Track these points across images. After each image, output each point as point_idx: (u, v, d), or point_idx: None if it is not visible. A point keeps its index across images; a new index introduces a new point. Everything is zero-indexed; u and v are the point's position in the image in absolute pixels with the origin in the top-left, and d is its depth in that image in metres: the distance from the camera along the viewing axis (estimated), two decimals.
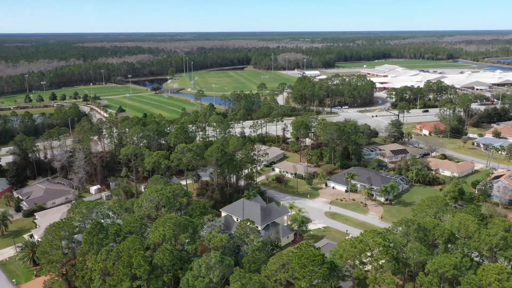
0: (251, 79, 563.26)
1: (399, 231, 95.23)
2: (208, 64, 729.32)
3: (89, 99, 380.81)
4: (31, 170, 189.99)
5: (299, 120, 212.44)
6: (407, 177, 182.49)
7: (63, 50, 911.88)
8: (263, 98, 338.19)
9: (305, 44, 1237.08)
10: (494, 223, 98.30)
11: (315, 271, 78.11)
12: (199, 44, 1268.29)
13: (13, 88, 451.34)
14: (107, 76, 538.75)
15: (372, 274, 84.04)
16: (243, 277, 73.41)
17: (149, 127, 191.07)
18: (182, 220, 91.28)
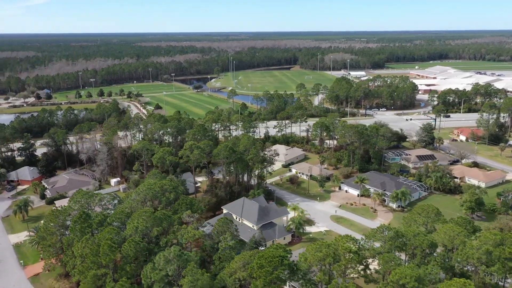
0: (294, 79, 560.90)
1: (375, 238, 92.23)
2: (255, 63, 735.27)
3: (131, 96, 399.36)
4: (62, 161, 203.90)
5: (319, 122, 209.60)
6: (426, 184, 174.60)
7: (121, 49, 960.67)
8: (298, 98, 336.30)
9: (358, 44, 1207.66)
10: (484, 236, 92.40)
11: (271, 271, 78.11)
12: (251, 43, 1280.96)
13: (68, 85, 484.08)
14: (155, 75, 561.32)
15: (335, 280, 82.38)
16: (195, 273, 75.21)
17: (169, 124, 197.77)
18: (158, 215, 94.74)
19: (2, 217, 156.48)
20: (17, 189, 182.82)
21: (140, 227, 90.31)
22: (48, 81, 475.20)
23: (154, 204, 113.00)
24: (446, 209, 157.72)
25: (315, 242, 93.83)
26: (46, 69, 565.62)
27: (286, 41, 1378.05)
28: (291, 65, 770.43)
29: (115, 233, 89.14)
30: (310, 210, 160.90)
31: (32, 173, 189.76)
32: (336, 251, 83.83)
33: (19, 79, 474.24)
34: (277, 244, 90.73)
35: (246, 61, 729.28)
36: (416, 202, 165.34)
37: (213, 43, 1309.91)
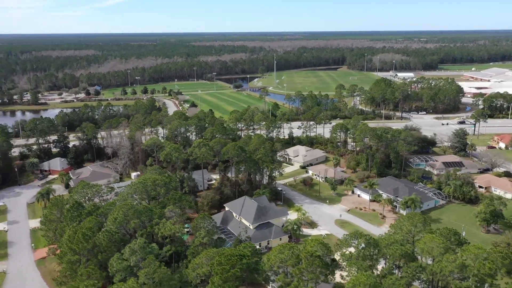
0: (337, 80, 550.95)
1: (347, 245, 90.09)
2: (302, 63, 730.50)
3: (171, 94, 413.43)
4: (91, 154, 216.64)
5: (339, 124, 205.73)
6: (444, 193, 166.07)
7: (175, 48, 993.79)
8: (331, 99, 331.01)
9: (415, 44, 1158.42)
10: (467, 250, 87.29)
11: (227, 269, 79.19)
12: (303, 43, 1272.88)
13: (117, 82, 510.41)
14: (199, 73, 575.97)
15: (294, 283, 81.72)
16: (153, 265, 78.06)
17: (189, 122, 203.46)
18: (139, 208, 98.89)
19: (28, 203, 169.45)
20: (47, 178, 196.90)
21: (118, 218, 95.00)
22: (99, 78, 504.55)
23: (143, 198, 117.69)
24: (462, 220, 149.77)
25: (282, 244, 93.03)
26: (101, 67, 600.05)
27: (339, 41, 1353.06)
28: (339, 65, 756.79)
29: (96, 223, 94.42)
30: (316, 213, 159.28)
31: (62, 164, 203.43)
32: (300, 254, 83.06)
33: (74, 76, 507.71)
34: (248, 244, 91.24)
35: (292, 61, 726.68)
36: (430, 210, 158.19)
37: (265, 43, 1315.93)
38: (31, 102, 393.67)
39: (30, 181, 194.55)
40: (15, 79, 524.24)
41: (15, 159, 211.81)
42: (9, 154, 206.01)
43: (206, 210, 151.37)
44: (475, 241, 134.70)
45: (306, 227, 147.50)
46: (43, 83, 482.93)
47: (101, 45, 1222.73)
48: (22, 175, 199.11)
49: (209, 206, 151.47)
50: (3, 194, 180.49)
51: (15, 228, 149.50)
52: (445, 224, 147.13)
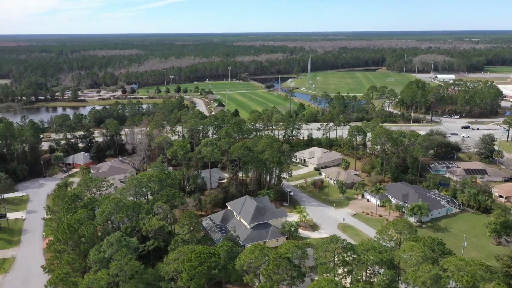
0: (374, 81, 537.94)
1: (322, 249, 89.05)
2: (340, 64, 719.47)
3: (202, 93, 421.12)
4: (114, 150, 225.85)
5: (354, 126, 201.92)
6: (458, 201, 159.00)
7: (215, 48, 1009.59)
8: (359, 101, 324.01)
9: (465, 45, 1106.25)
10: (447, 261, 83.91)
11: (195, 266, 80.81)
12: (345, 43, 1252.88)
13: (154, 81, 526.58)
14: (234, 73, 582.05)
15: (262, 284, 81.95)
16: (123, 258, 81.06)
17: (206, 121, 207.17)
18: (128, 203, 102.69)
19: (48, 195, 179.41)
20: (71, 172, 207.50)
21: (105, 212, 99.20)
22: (137, 77, 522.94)
23: (137, 193, 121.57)
24: (473, 230, 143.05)
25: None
26: (140, 66, 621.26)
27: (383, 41, 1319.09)
28: (378, 66, 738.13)
29: (86, 216, 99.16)
30: (321, 216, 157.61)
31: (85, 158, 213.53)
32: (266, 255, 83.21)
33: (113, 74, 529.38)
34: (225, 242, 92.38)
35: (330, 61, 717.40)
36: (441, 218, 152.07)
37: (306, 43, 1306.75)
38: (71, 99, 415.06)
39: (54, 174, 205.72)
40: (61, 77, 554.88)
41: (45, 153, 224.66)
42: (38, 147, 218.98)
43: (209, 208, 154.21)
44: (479, 253, 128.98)
45: (308, 230, 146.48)
46: (85, 81, 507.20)
47: (146, 45, 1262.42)
48: (48, 167, 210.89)
49: (212, 204, 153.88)
50: (28, 185, 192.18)
51: (32, 217, 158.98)
52: (453, 234, 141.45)
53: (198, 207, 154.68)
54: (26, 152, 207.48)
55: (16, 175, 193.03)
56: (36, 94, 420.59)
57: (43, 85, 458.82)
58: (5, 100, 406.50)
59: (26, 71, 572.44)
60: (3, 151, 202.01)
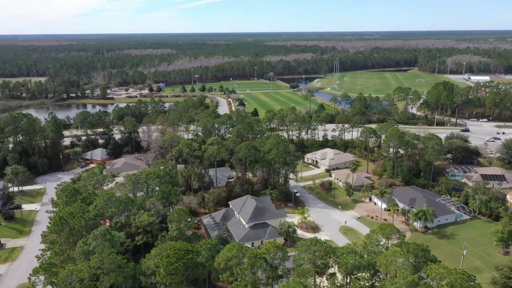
0: (403, 82, 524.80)
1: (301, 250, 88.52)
2: (370, 64, 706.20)
3: (225, 92, 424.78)
4: (131, 146, 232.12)
5: (367, 128, 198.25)
6: (469, 207, 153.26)
7: (246, 48, 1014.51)
8: (380, 102, 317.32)
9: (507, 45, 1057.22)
10: (429, 269, 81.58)
11: (172, 262, 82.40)
12: (378, 43, 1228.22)
13: (181, 80, 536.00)
14: (260, 73, 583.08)
15: (237, 283, 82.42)
16: (105, 251, 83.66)
17: (218, 120, 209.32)
18: (121, 198, 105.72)
19: None
20: (88, 167, 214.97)
21: (98, 206, 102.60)
22: (164, 76, 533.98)
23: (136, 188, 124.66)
24: (481, 238, 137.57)
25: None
26: (170, 65, 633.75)
27: (419, 41, 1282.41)
28: (411, 67, 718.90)
29: (81, 209, 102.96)
30: (324, 218, 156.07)
31: (102, 154, 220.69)
32: (241, 254, 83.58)
33: (142, 73, 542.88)
34: (206, 241, 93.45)
35: (360, 61, 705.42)
36: (448, 225, 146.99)
37: (339, 43, 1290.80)
38: (100, 97, 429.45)
39: (73, 168, 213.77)
40: (94, 75, 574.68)
41: (66, 148, 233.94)
42: (60, 142, 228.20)
43: (211, 206, 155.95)
44: (483, 262, 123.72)
45: (308, 231, 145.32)
46: (115, 79, 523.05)
47: (180, 44, 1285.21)
48: (68, 162, 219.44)
49: (215, 202, 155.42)
50: (46, 178, 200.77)
51: (45, 209, 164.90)
52: (458, 241, 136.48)
53: (202, 205, 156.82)
54: (47, 147, 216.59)
55: (37, 168, 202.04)
56: (68, 91, 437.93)
57: (75, 83, 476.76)
58: (39, 97, 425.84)
59: (62, 69, 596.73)
60: (26, 146, 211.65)
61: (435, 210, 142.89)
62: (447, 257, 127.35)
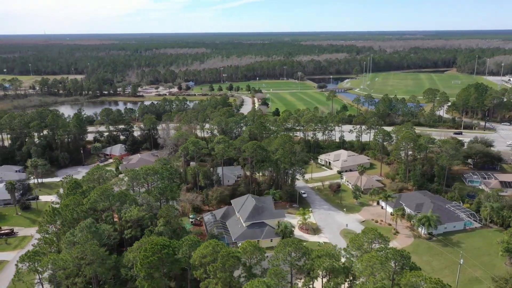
0: (437, 84, 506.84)
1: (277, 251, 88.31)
2: (405, 65, 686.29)
3: (251, 91, 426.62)
4: (149, 143, 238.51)
5: (380, 130, 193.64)
6: (480, 215, 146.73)
7: (280, 47, 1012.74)
8: (411, 103, 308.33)
9: None
10: (404, 276, 79.38)
11: (148, 256, 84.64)
12: (418, 43, 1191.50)
13: (210, 79, 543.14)
14: (290, 73, 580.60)
15: (209, 280, 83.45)
16: (85, 244, 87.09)
17: (231, 119, 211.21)
18: (115, 193, 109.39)
19: None
20: (107, 162, 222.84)
21: (91, 199, 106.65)
22: (194, 74, 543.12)
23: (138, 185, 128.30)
24: (489, 248, 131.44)
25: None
26: (202, 64, 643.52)
27: (462, 41, 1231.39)
28: (449, 67, 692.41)
29: (75, 201, 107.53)
30: (327, 220, 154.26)
31: (120, 150, 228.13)
32: (217, 252, 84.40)
33: (173, 72, 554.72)
34: (191, 237, 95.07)
35: (395, 62, 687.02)
36: (456, 232, 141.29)
37: (377, 42, 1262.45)
38: (130, 94, 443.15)
39: (92, 163, 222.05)
40: (129, 73, 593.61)
41: (90, 143, 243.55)
42: (82, 137, 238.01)
43: (214, 204, 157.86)
44: (485, 272, 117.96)
45: (309, 233, 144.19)
46: (147, 77, 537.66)
47: (216, 44, 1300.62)
48: (89, 157, 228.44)
49: (218, 200, 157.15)
50: (67, 171, 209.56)
51: None
52: (463, 249, 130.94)
53: (205, 202, 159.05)
54: (70, 142, 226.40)
55: (58, 162, 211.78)
56: (101, 89, 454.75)
57: (109, 81, 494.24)
58: (74, 94, 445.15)
59: (99, 67, 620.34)
60: (50, 140, 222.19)
61: (440, 217, 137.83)
62: (447, 266, 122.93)
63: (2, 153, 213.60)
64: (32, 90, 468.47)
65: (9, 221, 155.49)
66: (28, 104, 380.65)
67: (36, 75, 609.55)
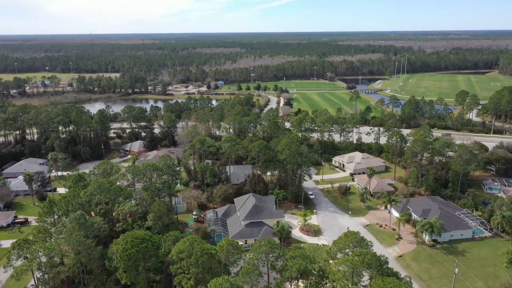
0: (474, 86, 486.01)
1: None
2: (443, 66, 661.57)
3: (277, 91, 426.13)
4: (168, 140, 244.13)
5: (395, 132, 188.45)
6: (490, 224, 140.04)
7: (315, 47, 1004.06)
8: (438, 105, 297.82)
9: None
10: (375, 283, 77.75)
11: (127, 248, 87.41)
12: (461, 43, 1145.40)
13: (240, 78, 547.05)
14: (321, 73, 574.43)
15: (182, 275, 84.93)
16: (71, 236, 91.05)
17: (245, 119, 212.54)
18: (113, 188, 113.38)
19: None
20: (126, 157, 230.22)
21: (87, 192, 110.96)
22: (224, 74, 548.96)
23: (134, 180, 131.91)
24: (494, 258, 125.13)
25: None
26: (234, 64, 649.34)
27: (509, 41, 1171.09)
28: (491, 69, 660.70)
29: (73, 194, 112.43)
30: (330, 222, 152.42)
31: (139, 146, 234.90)
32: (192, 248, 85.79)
33: (204, 71, 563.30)
34: (176, 233, 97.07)
35: (432, 63, 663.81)
36: (463, 241, 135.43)
37: (417, 43, 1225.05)
38: (160, 92, 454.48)
39: (113, 158, 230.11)
40: (162, 72, 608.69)
41: (113, 139, 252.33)
42: (106, 134, 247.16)
43: (218, 201, 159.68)
44: (486, 284, 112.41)
45: (309, 235, 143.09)
46: (179, 76, 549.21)
47: (252, 43, 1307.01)
48: (110, 152, 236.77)
49: (222, 198, 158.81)
50: (88, 165, 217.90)
51: None
52: (468, 260, 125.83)
53: (210, 200, 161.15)
54: (92, 137, 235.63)
55: (80, 156, 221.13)
56: (133, 86, 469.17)
57: (141, 79, 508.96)
58: (107, 91, 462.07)
59: (134, 66, 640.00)
60: (74, 135, 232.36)
61: (444, 224, 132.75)
62: (446, 274, 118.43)
63: (30, 146, 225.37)
64: (69, 87, 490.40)
65: (26, 210, 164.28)
66: (64, 101, 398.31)
67: (76, 73, 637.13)
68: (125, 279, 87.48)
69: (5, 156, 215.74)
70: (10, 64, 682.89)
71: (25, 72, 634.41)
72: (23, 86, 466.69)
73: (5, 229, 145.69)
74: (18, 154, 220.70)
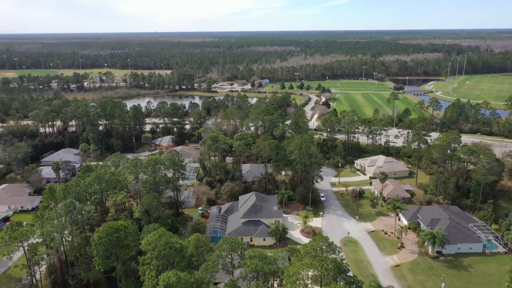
0: None
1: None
2: (508, 67, 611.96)
3: (319, 90, 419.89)
4: (197, 136, 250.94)
5: (416, 136, 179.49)
6: (506, 239, 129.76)
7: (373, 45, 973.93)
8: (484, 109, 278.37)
9: None
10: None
11: (102, 236, 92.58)
12: None
13: (286, 77, 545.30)
14: (371, 73, 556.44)
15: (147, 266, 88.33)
16: (59, 220, 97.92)
17: (267, 118, 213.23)
18: (111, 179, 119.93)
19: None
20: (155, 151, 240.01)
21: (85, 182, 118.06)
22: (270, 72, 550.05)
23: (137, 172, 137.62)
24: (500, 276, 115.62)
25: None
26: (283, 62, 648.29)
27: None
28: None
29: (76, 184, 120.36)
30: (334, 225, 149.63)
31: (168, 141, 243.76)
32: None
33: (250, 69, 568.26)
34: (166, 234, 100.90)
35: (497, 63, 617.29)
36: (470, 255, 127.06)
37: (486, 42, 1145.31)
38: (205, 90, 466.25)
39: (143, 151, 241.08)
40: (212, 69, 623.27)
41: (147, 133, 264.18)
42: (140, 128, 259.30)
43: (224, 198, 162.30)
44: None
45: (308, 237, 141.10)
46: (226, 74, 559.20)
47: (310, 42, 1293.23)
48: (141, 146, 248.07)
49: (228, 195, 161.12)
50: None
51: None
52: (472, 275, 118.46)
53: (218, 196, 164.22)
54: (125, 131, 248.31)
55: (113, 148, 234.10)
56: (180, 83, 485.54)
57: (189, 76, 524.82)
58: (157, 87, 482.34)
59: (187, 63, 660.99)
60: (109, 128, 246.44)
61: (449, 235, 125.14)
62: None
63: (69, 137, 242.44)
64: (123, 83, 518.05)
65: None
66: (115, 95, 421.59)
67: (133, 69, 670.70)
68: (99, 266, 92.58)
69: (47, 146, 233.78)
70: (76, 61, 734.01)
71: (88, 68, 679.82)
72: (81, 81, 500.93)
73: (30, 212, 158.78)
74: (59, 144, 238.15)
